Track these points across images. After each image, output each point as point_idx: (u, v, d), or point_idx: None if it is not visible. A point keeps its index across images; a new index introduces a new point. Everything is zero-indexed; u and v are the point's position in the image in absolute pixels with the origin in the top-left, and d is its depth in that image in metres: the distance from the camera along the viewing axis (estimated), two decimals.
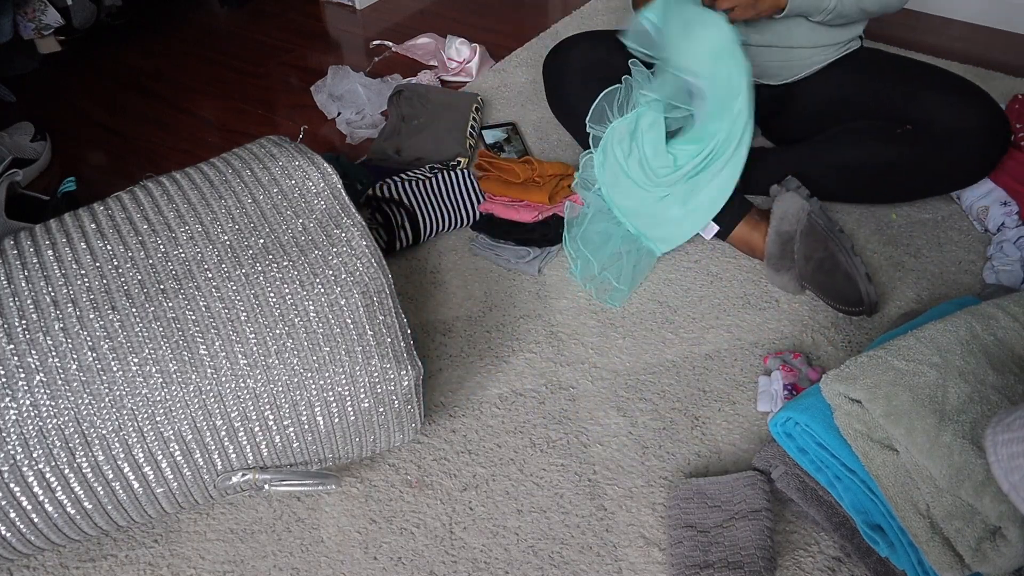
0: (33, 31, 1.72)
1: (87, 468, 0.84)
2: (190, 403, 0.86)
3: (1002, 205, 1.38)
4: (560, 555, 0.99)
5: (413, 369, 0.95)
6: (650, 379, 1.19)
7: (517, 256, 1.37)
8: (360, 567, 0.98)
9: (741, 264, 1.38)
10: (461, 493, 1.06)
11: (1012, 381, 0.92)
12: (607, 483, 1.06)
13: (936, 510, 0.86)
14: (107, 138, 1.78)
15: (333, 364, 0.90)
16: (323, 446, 0.96)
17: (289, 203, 0.97)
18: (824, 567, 0.96)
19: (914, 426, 0.87)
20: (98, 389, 0.83)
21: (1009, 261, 1.30)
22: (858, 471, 0.93)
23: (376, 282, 0.93)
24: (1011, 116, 1.48)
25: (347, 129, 1.74)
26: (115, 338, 0.85)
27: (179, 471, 0.89)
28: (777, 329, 1.26)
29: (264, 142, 1.06)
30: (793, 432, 0.98)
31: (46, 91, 1.92)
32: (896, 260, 1.37)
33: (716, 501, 1.00)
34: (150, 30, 2.19)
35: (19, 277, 0.87)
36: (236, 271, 0.90)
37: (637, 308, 1.30)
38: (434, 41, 2.01)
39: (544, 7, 2.30)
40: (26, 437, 0.81)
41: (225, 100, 1.90)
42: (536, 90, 1.83)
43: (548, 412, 1.15)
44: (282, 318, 0.89)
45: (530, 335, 1.27)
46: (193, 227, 0.93)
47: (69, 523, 0.88)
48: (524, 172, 1.38)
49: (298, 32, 2.18)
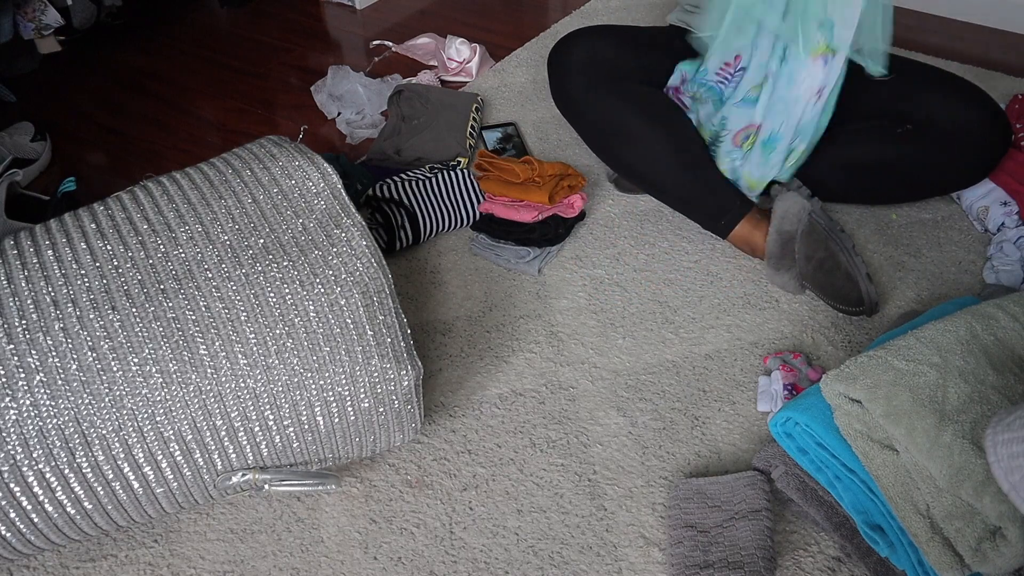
0: (33, 31, 1.71)
1: (87, 468, 0.84)
2: (190, 403, 0.86)
3: (1002, 205, 1.38)
4: (560, 555, 0.99)
5: (413, 369, 0.95)
6: (650, 379, 1.19)
7: (517, 256, 1.37)
8: (360, 567, 0.98)
9: (741, 264, 1.38)
10: (461, 493, 1.06)
11: (1012, 381, 0.92)
12: (607, 483, 1.06)
13: (936, 510, 0.86)
14: (107, 138, 1.78)
15: (333, 364, 0.90)
16: (323, 446, 0.96)
17: (289, 203, 0.97)
18: (824, 567, 0.96)
19: (914, 426, 0.87)
20: (98, 389, 0.83)
21: (1009, 261, 1.30)
22: (858, 471, 0.93)
23: (376, 282, 0.93)
24: (1011, 116, 1.48)
25: (347, 129, 1.74)
26: (115, 338, 0.85)
27: (179, 471, 0.89)
28: (777, 329, 1.26)
29: (264, 142, 1.06)
30: (793, 432, 0.98)
31: (46, 91, 1.92)
32: (896, 260, 1.37)
33: (716, 501, 1.00)
34: (150, 30, 2.19)
35: (19, 277, 0.87)
36: (236, 271, 0.90)
37: (637, 308, 1.30)
38: (434, 41, 2.01)
39: (544, 7, 2.30)
40: (26, 437, 0.81)
41: (225, 100, 1.90)
42: (536, 90, 1.83)
43: (548, 412, 1.15)
44: (282, 318, 0.89)
45: (530, 335, 1.27)
46: (193, 227, 0.93)
47: (69, 523, 0.88)
48: (524, 172, 1.38)
49: (298, 32, 2.18)
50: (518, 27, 2.16)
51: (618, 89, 1.39)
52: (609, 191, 1.54)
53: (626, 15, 2.12)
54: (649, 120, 1.37)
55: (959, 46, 1.98)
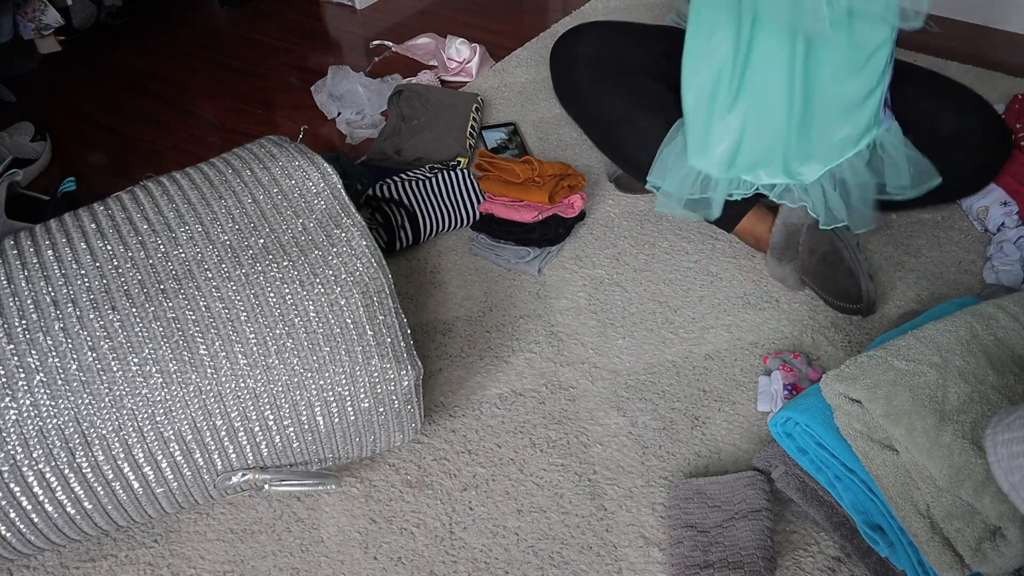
0: (33, 31, 1.72)
1: (87, 468, 0.84)
2: (190, 403, 0.86)
3: (1002, 205, 1.38)
4: (560, 555, 0.99)
5: (413, 369, 0.95)
6: (650, 379, 1.19)
7: (517, 256, 1.37)
8: (360, 567, 0.98)
9: (741, 264, 1.38)
10: (461, 493, 1.06)
11: (1012, 381, 0.92)
12: (607, 483, 1.06)
13: (936, 510, 0.86)
14: (107, 138, 1.78)
15: (333, 364, 0.90)
16: (323, 446, 0.96)
17: (289, 203, 0.97)
18: (824, 567, 0.96)
19: (914, 426, 0.87)
20: (98, 389, 0.83)
21: (1009, 261, 1.30)
22: (858, 471, 0.93)
23: (376, 282, 0.93)
24: (1011, 116, 1.48)
25: (347, 129, 1.74)
26: (115, 338, 0.85)
27: (179, 471, 0.89)
28: (777, 329, 1.26)
29: (264, 142, 1.06)
30: (793, 432, 0.98)
31: (46, 91, 1.92)
32: (896, 260, 1.37)
33: (716, 501, 1.00)
34: (150, 30, 2.19)
35: (19, 277, 0.87)
36: (236, 271, 0.90)
37: (637, 308, 1.30)
38: (434, 41, 2.01)
39: (544, 7, 2.30)
40: (26, 437, 0.81)
41: (225, 100, 1.90)
42: (536, 90, 1.83)
43: (548, 412, 1.15)
44: (282, 318, 0.89)
45: (530, 335, 1.27)
46: (193, 227, 0.93)
47: (69, 523, 0.88)
48: (524, 172, 1.38)
49: (298, 32, 2.18)
50: (518, 27, 2.16)
51: (624, 82, 1.39)
52: (609, 191, 1.54)
53: (625, 15, 2.12)
54: (654, 114, 1.37)
55: (959, 46, 1.98)
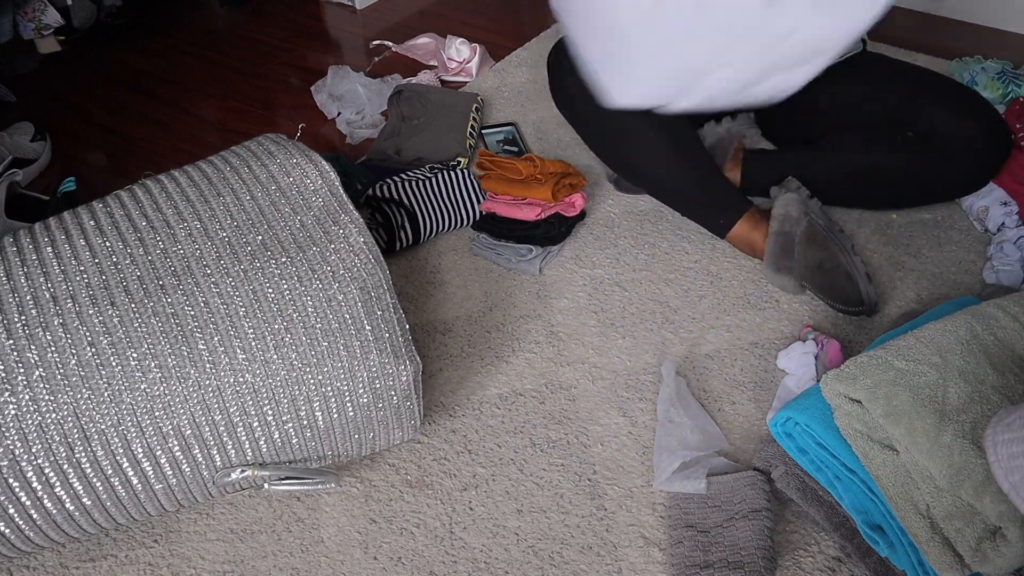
0: (33, 31, 1.71)
1: (86, 463, 0.84)
2: (189, 398, 0.86)
3: (1002, 205, 1.38)
4: (560, 555, 0.99)
5: (412, 364, 0.95)
6: (650, 379, 1.19)
7: (518, 255, 1.37)
8: (360, 567, 0.98)
9: (741, 264, 1.37)
10: (461, 493, 1.05)
11: (1012, 381, 0.92)
12: (607, 483, 1.06)
13: (936, 510, 0.86)
14: (107, 138, 1.78)
15: (331, 359, 0.90)
16: (322, 443, 0.95)
17: (287, 200, 0.97)
18: (824, 567, 0.96)
19: (914, 426, 0.86)
20: (97, 384, 0.83)
21: (1009, 261, 1.30)
22: (858, 471, 0.93)
23: (374, 278, 0.93)
24: (1011, 117, 1.48)
25: (347, 129, 1.74)
26: (114, 334, 0.84)
27: (178, 467, 0.89)
28: (777, 329, 1.26)
29: (262, 140, 1.06)
30: (793, 432, 0.98)
31: (46, 91, 1.92)
32: (896, 260, 1.37)
33: (716, 501, 1.00)
34: (150, 30, 2.19)
35: (18, 274, 0.87)
36: (234, 267, 0.90)
37: (637, 308, 1.30)
38: (434, 41, 2.01)
39: (544, 7, 2.29)
40: (25, 432, 0.81)
41: (225, 100, 1.90)
42: (536, 90, 1.83)
43: (548, 412, 1.15)
44: (280, 314, 0.88)
45: (530, 335, 1.26)
46: (192, 224, 0.93)
47: (68, 520, 0.88)
48: (526, 169, 1.38)
49: (298, 32, 2.18)
50: (518, 27, 2.16)
51: None
52: (609, 191, 1.54)
53: None
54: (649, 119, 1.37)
55: (959, 46, 1.98)
